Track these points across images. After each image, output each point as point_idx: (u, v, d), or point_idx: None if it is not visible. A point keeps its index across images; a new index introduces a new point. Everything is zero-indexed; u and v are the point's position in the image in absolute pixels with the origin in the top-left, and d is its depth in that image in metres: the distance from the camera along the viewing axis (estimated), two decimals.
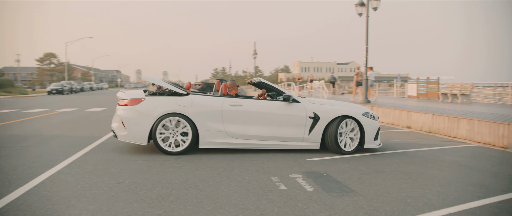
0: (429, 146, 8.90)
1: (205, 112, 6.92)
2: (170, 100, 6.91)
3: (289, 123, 7.24)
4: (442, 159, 7.21)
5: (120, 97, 7.12)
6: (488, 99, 22.81)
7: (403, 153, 7.74)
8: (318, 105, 7.43)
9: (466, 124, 10.75)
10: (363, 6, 19.18)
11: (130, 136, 6.83)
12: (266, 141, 7.18)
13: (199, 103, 6.96)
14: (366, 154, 7.46)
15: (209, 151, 7.28)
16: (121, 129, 6.88)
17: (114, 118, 7.30)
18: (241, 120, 7.07)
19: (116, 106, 7.19)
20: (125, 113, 6.84)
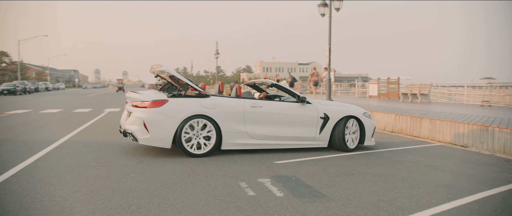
0: (394, 146, 8.93)
1: (228, 114, 6.96)
2: (194, 101, 6.80)
3: (303, 123, 7.60)
4: (408, 159, 7.21)
5: (136, 98, 6.80)
6: (445, 99, 23.52)
7: (369, 153, 7.69)
8: (327, 106, 7.91)
9: (428, 123, 10.92)
10: (325, 7, 19.26)
11: (153, 139, 6.54)
12: (282, 141, 7.45)
13: (222, 104, 6.99)
14: (333, 155, 7.35)
15: (172, 155, 6.95)
16: (143, 132, 6.52)
17: (129, 120, 6.80)
18: (261, 121, 7.26)
19: (131, 108, 6.88)
20: (148, 115, 6.52)
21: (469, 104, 18.12)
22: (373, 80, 24.86)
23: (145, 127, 6.49)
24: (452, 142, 10.00)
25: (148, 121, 6.48)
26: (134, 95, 6.92)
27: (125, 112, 7.42)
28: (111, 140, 8.53)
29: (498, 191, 5.13)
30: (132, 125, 6.65)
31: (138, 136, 6.52)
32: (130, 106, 6.94)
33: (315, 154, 7.41)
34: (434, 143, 9.81)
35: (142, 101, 6.67)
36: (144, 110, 6.58)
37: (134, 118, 6.65)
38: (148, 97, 6.69)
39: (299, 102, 7.63)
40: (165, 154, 6.94)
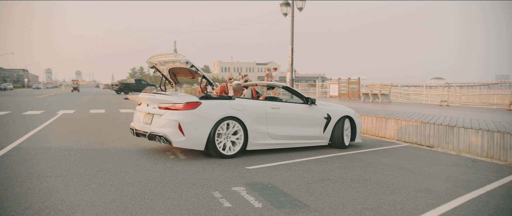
0: (363, 147, 8.81)
1: (253, 115, 7.13)
2: (224, 103, 6.87)
3: (311, 123, 8.15)
4: (381, 161, 7.07)
5: (166, 100, 6.70)
6: (404, 99, 24.03)
7: (341, 156, 7.51)
8: (328, 107, 8.56)
9: (394, 124, 10.94)
10: (288, 6, 19.13)
11: (188, 142, 6.49)
12: (295, 140, 7.87)
13: (248, 106, 7.15)
14: (305, 159, 7.11)
15: (134, 161, 6.45)
16: (177, 135, 6.44)
17: (158, 122, 6.64)
18: (279, 122, 7.57)
19: (156, 110, 6.77)
20: (184, 118, 6.45)
21: (428, 104, 18.55)
22: (334, 80, 25.03)
23: (180, 129, 6.42)
24: (418, 143, 10.04)
25: (184, 123, 6.41)
26: (161, 97, 6.79)
27: (140, 114, 7.30)
28: (67, 146, 7.88)
29: (477, 195, 5.04)
30: (165, 127, 6.50)
31: (173, 138, 6.41)
32: (153, 108, 6.82)
33: (286, 157, 7.14)
34: (401, 144, 9.80)
35: (174, 103, 6.57)
36: (178, 112, 6.48)
37: (165, 120, 6.51)
38: (179, 98, 6.62)
39: (308, 104, 8.19)
40: (127, 160, 6.43)
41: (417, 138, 10.15)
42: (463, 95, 18.49)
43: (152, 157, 6.79)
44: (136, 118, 7.35)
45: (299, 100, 8.35)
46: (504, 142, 8.04)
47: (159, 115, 6.66)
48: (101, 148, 7.62)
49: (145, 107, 7.08)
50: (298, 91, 8.50)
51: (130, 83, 44.69)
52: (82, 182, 5.12)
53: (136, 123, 7.24)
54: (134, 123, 7.33)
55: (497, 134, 8.18)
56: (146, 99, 7.10)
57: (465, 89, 20.54)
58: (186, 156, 6.97)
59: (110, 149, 7.56)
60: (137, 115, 7.40)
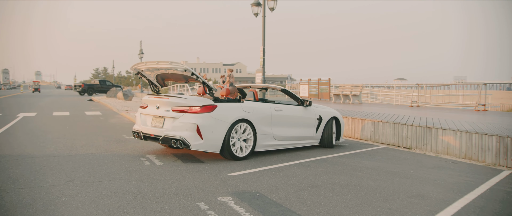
0: (343, 150, 8.64)
1: (261, 117, 7.27)
2: (237, 106, 6.95)
3: (307, 124, 8.46)
4: (365, 165, 6.90)
5: (181, 103, 6.57)
6: (375, 100, 24.25)
7: (323, 160, 7.29)
8: (320, 108, 8.94)
9: (370, 125, 10.86)
10: (259, 6, 18.87)
11: (205, 145, 6.49)
12: (294, 141, 8.14)
13: (257, 108, 7.27)
14: (287, 163, 6.84)
15: (106, 168, 5.98)
16: (195, 138, 6.41)
17: (173, 125, 6.53)
18: (282, 123, 7.78)
19: (169, 113, 6.63)
20: (202, 121, 6.43)
21: (399, 105, 18.73)
22: (304, 80, 24.98)
23: (199, 132, 6.38)
24: (395, 144, 9.98)
25: (202, 126, 6.39)
26: (175, 100, 6.64)
27: (147, 117, 7.13)
28: (30, 153, 7.28)
29: (470, 199, 4.91)
30: (182, 131, 6.44)
31: (191, 142, 6.37)
32: (166, 111, 6.68)
33: (267, 162, 6.85)
34: (378, 146, 9.71)
35: (190, 106, 6.50)
36: (196, 115, 6.43)
37: (183, 123, 6.45)
38: (195, 101, 6.57)
39: (304, 106, 8.48)
40: (99, 168, 5.96)
41: (395, 139, 10.10)
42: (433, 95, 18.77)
43: (126, 164, 6.33)
44: (142, 121, 7.15)
45: (294, 102, 8.67)
46: (482, 143, 8.05)
47: (173, 118, 6.56)
48: (69, 155, 7.08)
49: (154, 110, 6.91)
50: (294, 94, 8.62)
51: (94, 84, 43.28)
52: (51, 194, 4.63)
53: (143, 126, 7.04)
54: (140, 126, 7.11)
55: (476, 135, 8.19)
56: (155, 102, 6.93)
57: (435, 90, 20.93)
58: (162, 162, 6.56)
59: (79, 155, 7.04)
60: (142, 118, 7.21)
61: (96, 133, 10.22)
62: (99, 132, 10.45)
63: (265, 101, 7.94)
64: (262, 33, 18.51)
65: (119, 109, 18.68)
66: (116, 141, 8.88)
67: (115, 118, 14.57)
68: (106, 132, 10.37)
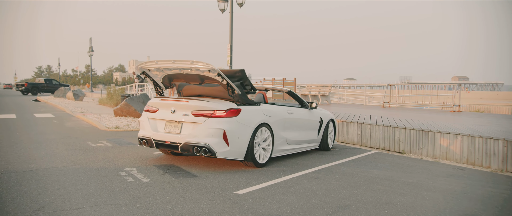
0: (337, 154, 7.90)
1: (278, 121, 6.93)
2: (258, 109, 6.52)
3: (311, 127, 8.16)
4: (375, 175, 6.19)
5: (203, 106, 5.98)
6: (344, 100, 23.91)
7: (326, 170, 6.51)
8: (320, 110, 8.66)
9: (357, 128, 10.24)
10: (226, 1, 17.89)
11: (231, 152, 6.00)
12: (302, 144, 7.80)
13: (274, 111, 6.90)
14: (292, 176, 5.98)
15: (85, 190, 4.83)
16: (222, 145, 5.90)
17: (198, 131, 5.91)
18: (293, 127, 7.43)
19: (188, 117, 6.03)
20: (228, 126, 5.92)
21: (370, 105, 18.39)
22: (268, 80, 24.23)
23: (225, 138, 5.89)
24: (386, 148, 9.41)
25: (229, 132, 5.90)
26: (196, 103, 6.05)
27: (158, 122, 6.43)
28: None
29: None
30: (206, 137, 5.87)
31: (217, 149, 5.85)
32: (184, 116, 6.08)
33: (268, 175, 5.95)
34: (370, 151, 9.07)
35: (214, 109, 5.93)
36: (221, 120, 5.91)
37: (207, 129, 5.88)
38: (219, 104, 6.03)
39: (309, 108, 8.20)
40: (73, 189, 4.79)
41: (385, 143, 9.52)
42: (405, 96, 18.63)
43: (105, 181, 5.20)
44: (151, 127, 6.43)
45: (298, 104, 8.28)
46: (487, 147, 7.60)
47: (194, 123, 5.99)
48: (29, 170, 5.81)
49: (168, 114, 6.26)
50: (299, 96, 8.32)
51: (39, 83, 40.29)
52: None
53: (153, 132, 6.34)
54: (150, 132, 6.39)
55: (479, 139, 7.72)
56: (169, 105, 6.27)
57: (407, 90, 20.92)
58: (148, 177, 5.49)
59: (41, 170, 5.79)
60: (151, 123, 6.47)
61: (55, 140, 8.85)
62: (58, 138, 9.07)
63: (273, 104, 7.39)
64: (230, 30, 17.57)
65: (72, 111, 17.02)
66: (82, 150, 7.62)
67: (71, 121, 13.05)
68: (67, 139, 9.01)
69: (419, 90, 20.08)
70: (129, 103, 13.24)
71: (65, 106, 19.91)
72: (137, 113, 13.31)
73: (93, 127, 11.49)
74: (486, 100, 32.14)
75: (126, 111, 13.40)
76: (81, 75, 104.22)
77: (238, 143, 6.03)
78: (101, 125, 11.59)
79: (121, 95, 17.60)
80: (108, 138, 9.26)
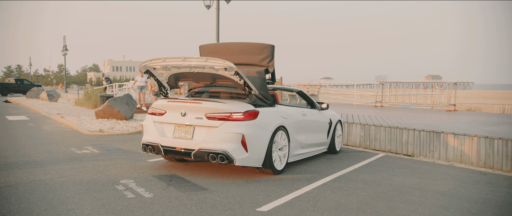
0: (346, 158, 7.30)
1: (293, 123, 6.39)
2: (275, 111, 6.03)
3: (322, 129, 7.61)
4: (400, 183, 5.63)
5: (219, 109, 5.40)
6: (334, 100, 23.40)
7: (345, 177, 5.91)
8: (329, 111, 8.07)
9: (359, 130, 9.67)
10: None
11: (250, 158, 5.45)
12: (314, 148, 7.29)
13: (290, 113, 6.38)
14: (311, 186, 5.34)
15: (80, 211, 4.05)
16: (241, 151, 5.35)
17: (213, 136, 5.34)
18: (306, 129, 6.89)
19: (201, 121, 5.45)
20: (247, 130, 5.37)
21: (361, 105, 17.91)
22: None
23: (244, 144, 5.34)
24: (393, 151, 8.87)
25: (248, 137, 5.35)
26: (210, 105, 5.46)
27: (166, 127, 5.78)
28: None
29: None
30: (223, 142, 5.31)
31: (235, 156, 5.28)
32: (197, 119, 5.50)
33: (285, 185, 5.29)
34: (377, 153, 8.52)
35: (232, 112, 5.38)
36: (239, 123, 5.35)
37: (223, 133, 5.32)
38: (235, 106, 5.48)
39: (319, 109, 7.67)
40: (65, 211, 4.00)
41: (391, 145, 8.98)
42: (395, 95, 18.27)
43: (101, 198, 4.42)
44: (158, 132, 5.77)
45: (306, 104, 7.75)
46: (508, 150, 7.12)
47: (209, 127, 5.41)
48: (6, 185, 4.96)
49: (178, 117, 5.65)
50: (310, 97, 7.75)
51: (9, 83, 38.43)
52: None
53: (161, 137, 5.69)
54: (156, 137, 5.74)
55: (499, 141, 7.24)
56: (179, 107, 5.66)
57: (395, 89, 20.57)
58: (150, 192, 4.73)
59: (22, 185, 4.94)
60: (157, 128, 5.82)
61: (34, 146, 7.93)
62: (37, 144, 8.15)
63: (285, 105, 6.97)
64: (216, 27, 16.83)
65: (48, 113, 15.93)
66: (67, 158, 6.76)
67: (49, 124, 12.04)
68: (47, 145, 8.11)
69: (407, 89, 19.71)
70: (112, 104, 12.33)
71: (39, 107, 18.73)
72: (120, 115, 12.41)
73: (74, 131, 10.55)
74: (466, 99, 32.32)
75: (109, 113, 12.47)
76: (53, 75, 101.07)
77: (256, 149, 5.49)
78: (82, 128, 10.67)
79: (100, 96, 16.62)
80: (94, 143, 8.39)
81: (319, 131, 7.52)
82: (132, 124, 11.76)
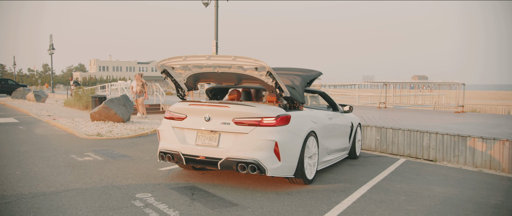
0: (372, 167, 6.77)
1: (321, 128, 5.91)
2: (305, 115, 5.55)
3: (345, 133, 7.13)
4: (445, 194, 5.16)
5: (248, 112, 4.88)
6: None
7: (379, 188, 5.41)
8: (350, 114, 7.55)
9: (375, 133, 9.18)
10: None
11: (282, 168, 4.91)
12: (338, 154, 6.79)
13: (319, 117, 5.95)
14: (348, 200, 4.80)
15: None
16: (273, 160, 4.81)
17: (242, 143, 4.80)
18: (331, 134, 6.39)
19: (239, 127, 4.88)
20: (280, 136, 4.86)
21: (364, 106, 17.45)
22: None
23: (276, 152, 4.80)
24: (412, 155, 8.39)
25: (281, 144, 4.82)
26: (239, 108, 4.94)
27: (188, 133, 5.22)
28: None
29: None
30: (255, 151, 4.76)
31: (268, 165, 4.75)
32: (223, 124, 4.95)
33: (320, 199, 4.74)
34: (397, 158, 8.02)
35: (262, 116, 4.85)
36: (272, 129, 4.83)
37: (254, 140, 4.79)
38: (265, 110, 4.92)
39: (341, 112, 7.18)
40: None
41: (411, 150, 8.50)
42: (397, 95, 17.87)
43: None
44: (178, 138, 5.20)
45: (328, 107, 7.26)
46: None
47: (237, 134, 4.88)
48: (6, 202, 4.30)
49: (201, 122, 5.09)
50: (331, 99, 7.23)
51: None
52: None
53: (181, 145, 5.13)
54: (177, 145, 5.17)
55: None
56: (202, 111, 5.09)
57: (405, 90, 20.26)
58: (173, 208, 4.14)
59: (24, 200, 4.30)
60: (177, 134, 5.24)
61: (29, 153, 7.24)
62: (33, 151, 7.46)
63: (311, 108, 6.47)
64: (215, 25, 16.23)
65: (38, 114, 15.13)
66: (68, 166, 6.11)
67: (41, 128, 11.29)
68: (43, 151, 7.42)
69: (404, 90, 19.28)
70: (109, 106, 11.63)
71: (27, 108, 17.88)
72: (117, 117, 11.72)
73: (70, 135, 9.84)
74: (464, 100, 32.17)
75: (105, 115, 11.77)
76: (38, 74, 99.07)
77: (289, 157, 4.97)
78: (79, 132, 9.97)
79: (91, 97, 15.86)
80: (94, 149, 7.73)
81: (342, 135, 7.07)
82: (131, 126, 11.08)
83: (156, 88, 19.63)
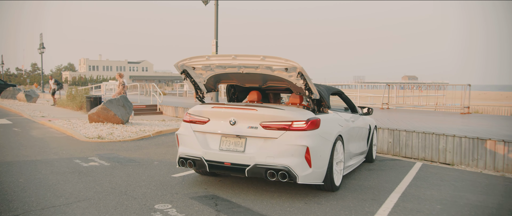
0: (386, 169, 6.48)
1: (347, 132, 5.66)
2: (334, 118, 5.32)
3: (364, 136, 6.85)
4: (479, 203, 4.87)
5: (277, 116, 4.56)
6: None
7: (409, 197, 5.11)
8: (367, 116, 7.24)
9: (388, 135, 8.89)
10: None
11: (313, 174, 4.59)
12: (358, 158, 6.50)
13: (343, 120, 5.68)
14: (382, 211, 4.48)
15: None
16: (304, 166, 4.49)
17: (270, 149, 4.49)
18: (353, 137, 6.07)
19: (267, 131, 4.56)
20: (312, 141, 4.53)
21: None
22: None
23: (308, 158, 4.50)
24: (427, 159, 8.12)
25: (312, 149, 4.52)
26: (267, 111, 4.62)
27: (212, 137, 4.87)
28: None
29: None
30: (285, 157, 4.47)
31: (299, 172, 4.46)
32: (250, 128, 4.65)
33: (352, 209, 4.42)
34: (412, 162, 7.75)
35: (292, 120, 4.56)
36: (302, 134, 4.54)
37: (284, 146, 4.49)
38: (294, 113, 4.64)
39: (360, 114, 6.94)
40: None
41: (426, 153, 8.22)
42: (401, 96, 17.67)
43: None
44: (200, 143, 4.85)
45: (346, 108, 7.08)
46: None
47: (266, 139, 4.57)
48: (11, 215, 3.91)
49: (226, 126, 4.77)
50: (350, 100, 6.93)
51: None
52: None
53: (204, 150, 4.78)
54: (199, 150, 4.81)
55: None
56: (227, 114, 4.78)
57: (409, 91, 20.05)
58: None
59: (33, 213, 3.90)
60: (198, 138, 4.90)
61: (29, 157, 6.80)
62: (32, 155, 7.02)
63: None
64: (215, 24, 15.84)
65: (32, 115, 14.60)
66: (75, 173, 5.70)
67: (37, 129, 10.81)
68: (44, 155, 6.99)
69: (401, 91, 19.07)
70: (108, 107, 11.19)
71: (19, 109, 17.31)
72: (117, 119, 11.29)
73: (69, 137, 9.39)
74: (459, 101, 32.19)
75: (104, 117, 11.33)
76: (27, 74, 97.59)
77: (319, 163, 4.69)
78: (78, 134, 9.53)
79: (86, 97, 15.39)
80: (98, 153, 7.31)
81: (362, 138, 6.81)
82: (131, 128, 10.66)
83: (153, 88, 19.16)
